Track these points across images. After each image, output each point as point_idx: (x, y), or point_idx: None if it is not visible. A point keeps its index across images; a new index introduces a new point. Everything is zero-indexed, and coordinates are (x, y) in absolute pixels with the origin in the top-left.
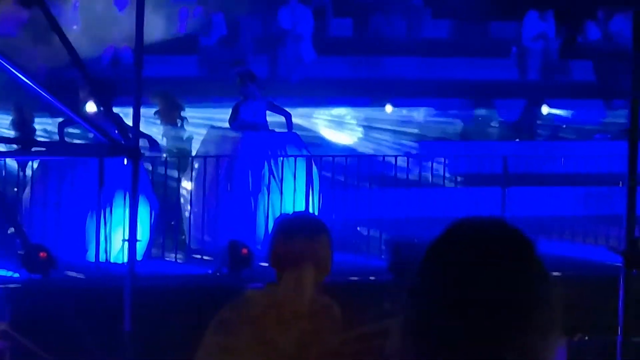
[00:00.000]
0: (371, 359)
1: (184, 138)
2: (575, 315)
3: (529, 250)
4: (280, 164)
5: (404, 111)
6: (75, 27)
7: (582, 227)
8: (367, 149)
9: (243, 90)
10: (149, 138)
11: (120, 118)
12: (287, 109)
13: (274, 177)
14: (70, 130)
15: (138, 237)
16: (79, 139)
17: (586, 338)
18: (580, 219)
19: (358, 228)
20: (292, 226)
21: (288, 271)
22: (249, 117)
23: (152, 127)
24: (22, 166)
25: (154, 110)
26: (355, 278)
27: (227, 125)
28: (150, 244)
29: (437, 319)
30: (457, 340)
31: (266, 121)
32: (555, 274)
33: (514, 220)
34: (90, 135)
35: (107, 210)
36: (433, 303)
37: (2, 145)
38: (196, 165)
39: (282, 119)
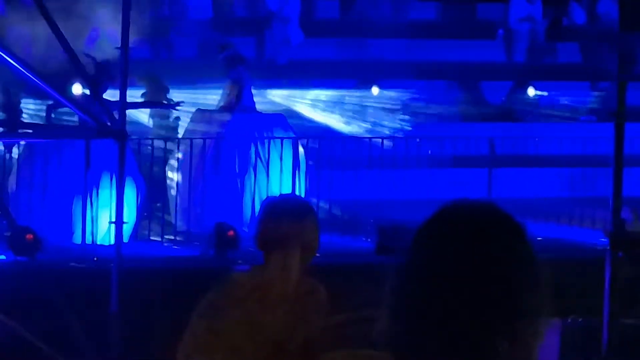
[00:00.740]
0: (357, 344)
1: (171, 120)
2: (562, 298)
3: (519, 234)
4: (266, 145)
5: (391, 93)
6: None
7: (568, 208)
8: (354, 130)
9: (232, 74)
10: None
11: (107, 100)
12: (274, 90)
13: (260, 158)
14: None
15: (125, 219)
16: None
17: (579, 320)
18: (565, 201)
19: (333, 211)
20: (279, 208)
21: (274, 253)
22: (247, 101)
23: (139, 110)
24: (8, 148)
25: (140, 92)
26: (342, 260)
27: (213, 107)
28: (137, 225)
29: (426, 301)
30: (446, 323)
31: (254, 104)
32: (541, 256)
33: (501, 202)
34: (76, 117)
35: (94, 192)
36: (422, 285)
37: None
38: (183, 147)
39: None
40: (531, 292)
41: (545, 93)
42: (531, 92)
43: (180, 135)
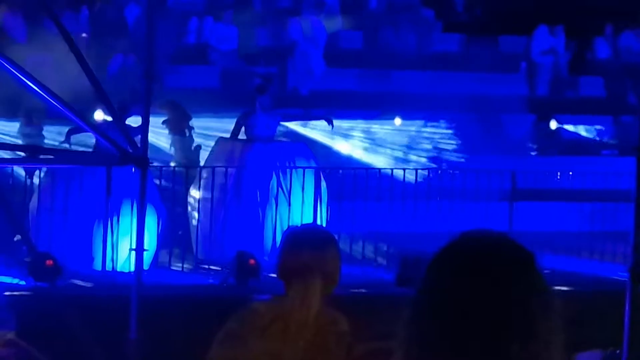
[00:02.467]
0: None
1: (192, 148)
2: (582, 329)
3: (529, 262)
4: (288, 175)
5: (413, 124)
6: (84, 34)
7: (588, 242)
8: (376, 161)
9: (261, 101)
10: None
11: (129, 127)
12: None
13: (282, 188)
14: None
15: (145, 246)
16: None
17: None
18: (586, 235)
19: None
20: (300, 238)
21: (295, 283)
22: (262, 130)
23: (161, 137)
24: (30, 174)
25: (162, 119)
26: (363, 291)
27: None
28: (157, 253)
29: (439, 331)
30: (460, 352)
31: (275, 133)
32: (561, 288)
33: (521, 235)
34: (93, 141)
35: (115, 218)
36: (434, 315)
37: (10, 152)
38: (204, 175)
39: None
40: (544, 319)
41: (567, 126)
42: (553, 125)
43: (201, 163)
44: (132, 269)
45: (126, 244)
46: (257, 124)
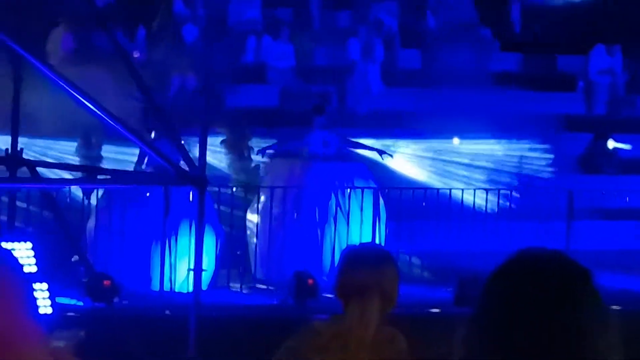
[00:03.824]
0: None
1: (251, 168)
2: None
3: (585, 280)
4: (347, 195)
5: (471, 144)
6: (137, 54)
7: None
8: (434, 181)
9: (319, 121)
10: None
11: (185, 147)
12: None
13: (340, 208)
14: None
15: (203, 267)
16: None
17: None
18: None
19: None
20: (359, 257)
21: (353, 302)
22: (320, 148)
23: (218, 157)
24: (87, 194)
25: (220, 139)
26: (421, 310)
27: (294, 155)
28: (216, 273)
29: (496, 350)
30: None
31: (335, 152)
32: (618, 307)
33: (579, 255)
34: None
35: (172, 239)
36: (491, 333)
37: (67, 172)
38: (263, 196)
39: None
40: (600, 337)
41: (624, 145)
42: (611, 144)
43: (260, 184)
44: (190, 289)
45: (184, 264)
46: (315, 142)
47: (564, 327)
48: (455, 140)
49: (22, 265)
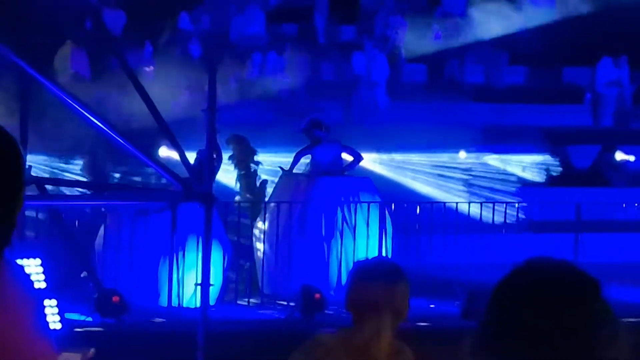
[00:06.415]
0: None
1: (258, 183)
2: None
3: (594, 291)
4: (353, 209)
5: (478, 157)
6: (148, 68)
7: None
8: (440, 194)
9: (312, 141)
10: None
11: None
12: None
13: (346, 222)
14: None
15: (211, 282)
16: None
17: None
18: None
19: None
20: (373, 271)
21: (364, 316)
22: (325, 161)
23: (226, 172)
24: (96, 210)
25: (227, 155)
26: (429, 324)
27: (299, 170)
28: (224, 288)
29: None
30: None
31: (341, 166)
32: (628, 320)
33: (587, 267)
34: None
35: (180, 254)
36: (499, 344)
37: (76, 189)
38: (269, 210)
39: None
40: (610, 349)
41: (632, 157)
42: (618, 156)
43: (266, 198)
44: (198, 304)
45: (192, 279)
46: (318, 156)
47: (573, 337)
48: (462, 154)
49: (33, 282)
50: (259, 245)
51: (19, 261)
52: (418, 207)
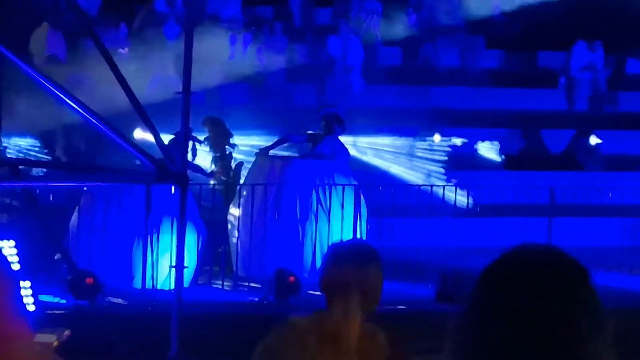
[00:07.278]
0: None
1: (233, 165)
2: (623, 347)
3: (584, 278)
4: (328, 192)
5: (453, 140)
6: (123, 50)
7: (629, 258)
8: (414, 177)
9: (327, 132)
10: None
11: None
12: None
13: (321, 205)
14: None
15: (185, 264)
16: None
17: None
18: (626, 250)
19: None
20: (344, 253)
21: (336, 297)
22: (327, 152)
23: (201, 154)
24: (69, 192)
25: (202, 136)
26: (402, 307)
27: (274, 153)
28: (198, 271)
29: (488, 346)
30: None
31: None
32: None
33: None
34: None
35: (154, 236)
36: (485, 330)
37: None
38: (244, 193)
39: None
40: (596, 338)
41: (604, 141)
42: (593, 140)
43: (241, 181)
44: (172, 286)
45: (166, 261)
46: (320, 148)
47: (561, 324)
48: (437, 137)
49: (10, 263)
50: (234, 228)
51: None
52: (393, 190)
